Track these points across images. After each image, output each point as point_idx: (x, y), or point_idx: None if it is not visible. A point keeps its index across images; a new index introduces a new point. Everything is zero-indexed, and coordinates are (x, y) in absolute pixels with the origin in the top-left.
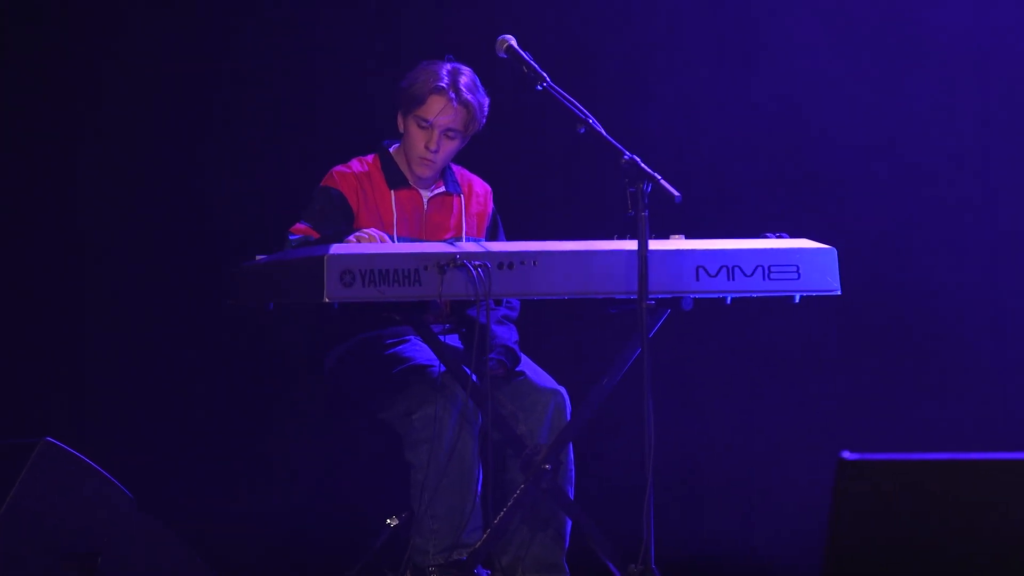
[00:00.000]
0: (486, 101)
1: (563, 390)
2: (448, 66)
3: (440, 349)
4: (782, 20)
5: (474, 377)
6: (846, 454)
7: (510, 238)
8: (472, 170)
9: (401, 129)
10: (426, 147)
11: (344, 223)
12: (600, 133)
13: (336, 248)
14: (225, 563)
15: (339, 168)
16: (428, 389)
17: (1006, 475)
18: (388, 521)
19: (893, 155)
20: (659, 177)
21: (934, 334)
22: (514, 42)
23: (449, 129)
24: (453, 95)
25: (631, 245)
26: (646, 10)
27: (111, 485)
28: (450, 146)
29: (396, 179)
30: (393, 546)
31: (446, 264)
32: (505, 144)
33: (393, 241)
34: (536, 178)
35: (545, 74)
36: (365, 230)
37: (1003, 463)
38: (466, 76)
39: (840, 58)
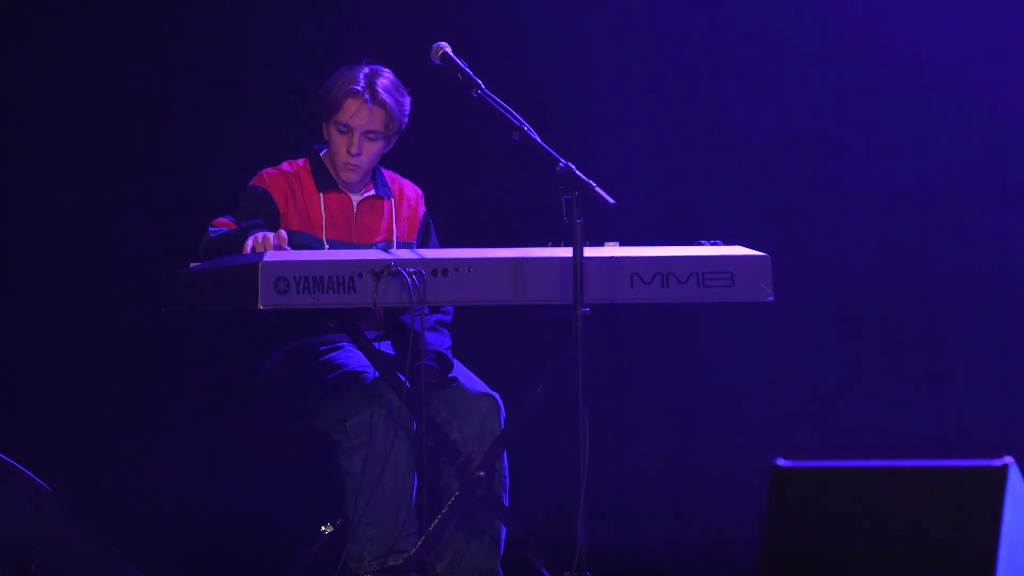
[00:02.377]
0: (406, 100)
1: (496, 395)
2: (365, 69)
3: (374, 356)
4: (714, 23)
5: (408, 384)
6: (780, 461)
7: (445, 245)
8: (407, 176)
9: (325, 137)
10: (348, 151)
11: (267, 222)
12: (535, 140)
13: (271, 255)
14: (159, 570)
15: (269, 169)
16: (362, 395)
17: (935, 481)
18: (322, 528)
19: (828, 160)
20: (594, 184)
21: (870, 339)
22: (449, 49)
23: (369, 131)
24: (368, 96)
25: (566, 252)
26: (580, 18)
27: (43, 491)
28: (373, 148)
29: (325, 182)
30: (327, 554)
31: (381, 271)
32: (440, 151)
33: (288, 244)
34: (471, 185)
35: (480, 81)
36: (261, 233)
37: (933, 470)
38: (383, 77)
39: (772, 63)
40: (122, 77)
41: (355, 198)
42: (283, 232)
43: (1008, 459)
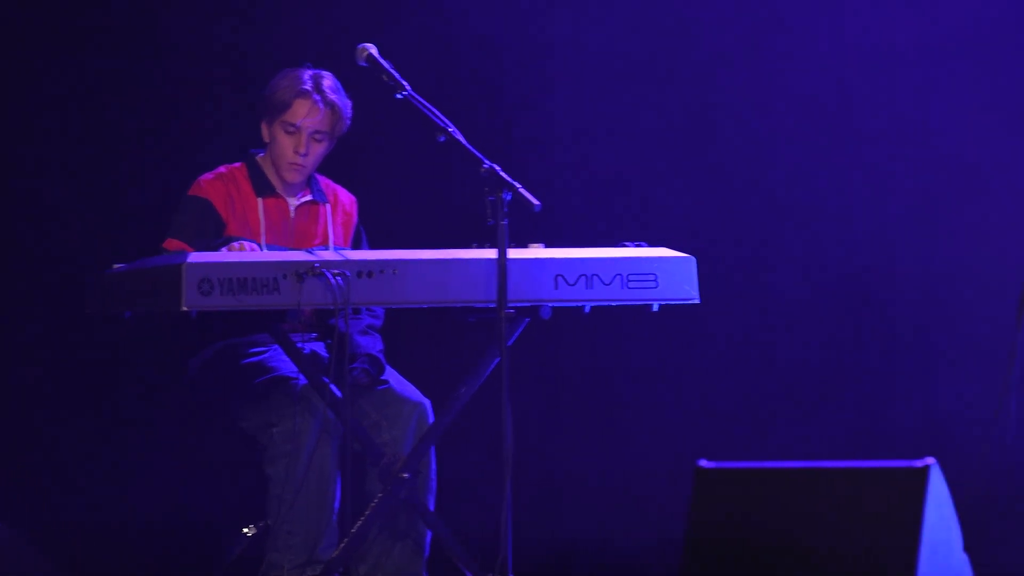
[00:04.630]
0: (349, 103)
1: (427, 402)
2: (309, 71)
3: (299, 359)
4: (669, 25)
5: (333, 387)
6: (703, 462)
7: (372, 247)
8: (334, 178)
9: (266, 138)
10: (295, 152)
11: (215, 233)
12: (460, 142)
13: (194, 256)
14: (81, 570)
15: (206, 176)
16: (289, 402)
17: (858, 482)
18: (244, 530)
19: (747, 165)
20: (519, 186)
21: (797, 340)
22: (374, 51)
23: (316, 131)
24: (318, 97)
25: (490, 253)
26: (514, 23)
27: None
28: (318, 149)
29: (263, 187)
30: (249, 557)
31: (305, 272)
32: (366, 152)
33: (262, 251)
34: (397, 186)
35: (405, 83)
36: (237, 241)
37: (855, 471)
38: (328, 79)
39: (724, 66)
40: (47, 70)
41: (292, 203)
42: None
43: (930, 460)
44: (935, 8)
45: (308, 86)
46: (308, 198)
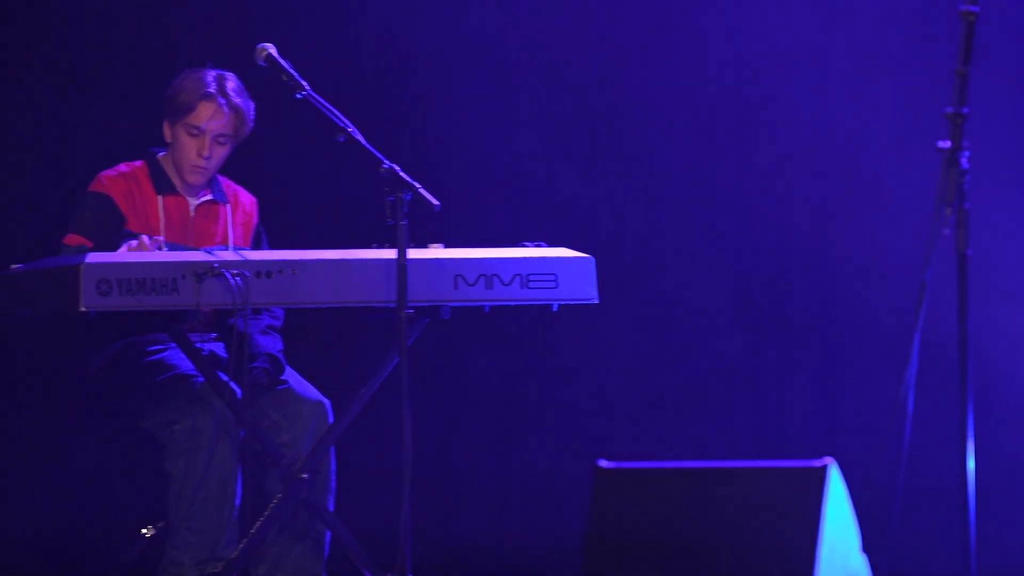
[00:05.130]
0: (252, 106)
1: (327, 402)
2: (213, 72)
3: (198, 359)
4: (554, 27)
5: (234, 386)
6: (602, 462)
7: (273, 247)
8: (234, 178)
9: (168, 139)
10: (198, 154)
11: (115, 229)
12: (359, 142)
13: (92, 257)
14: None
15: (107, 172)
16: (190, 399)
17: (757, 482)
18: (143, 531)
19: (646, 165)
20: (418, 186)
21: (699, 339)
22: (274, 51)
23: (220, 135)
24: (223, 100)
25: (390, 254)
26: (414, 23)
27: None
28: (221, 152)
29: (164, 185)
30: (149, 558)
31: (204, 273)
32: (266, 153)
33: (163, 247)
34: (297, 187)
35: (305, 83)
36: (139, 239)
37: (754, 471)
38: (232, 81)
39: (625, 60)
40: None
41: (192, 202)
42: (159, 237)
43: (828, 460)
44: (832, 12)
45: (212, 88)
46: (208, 198)
